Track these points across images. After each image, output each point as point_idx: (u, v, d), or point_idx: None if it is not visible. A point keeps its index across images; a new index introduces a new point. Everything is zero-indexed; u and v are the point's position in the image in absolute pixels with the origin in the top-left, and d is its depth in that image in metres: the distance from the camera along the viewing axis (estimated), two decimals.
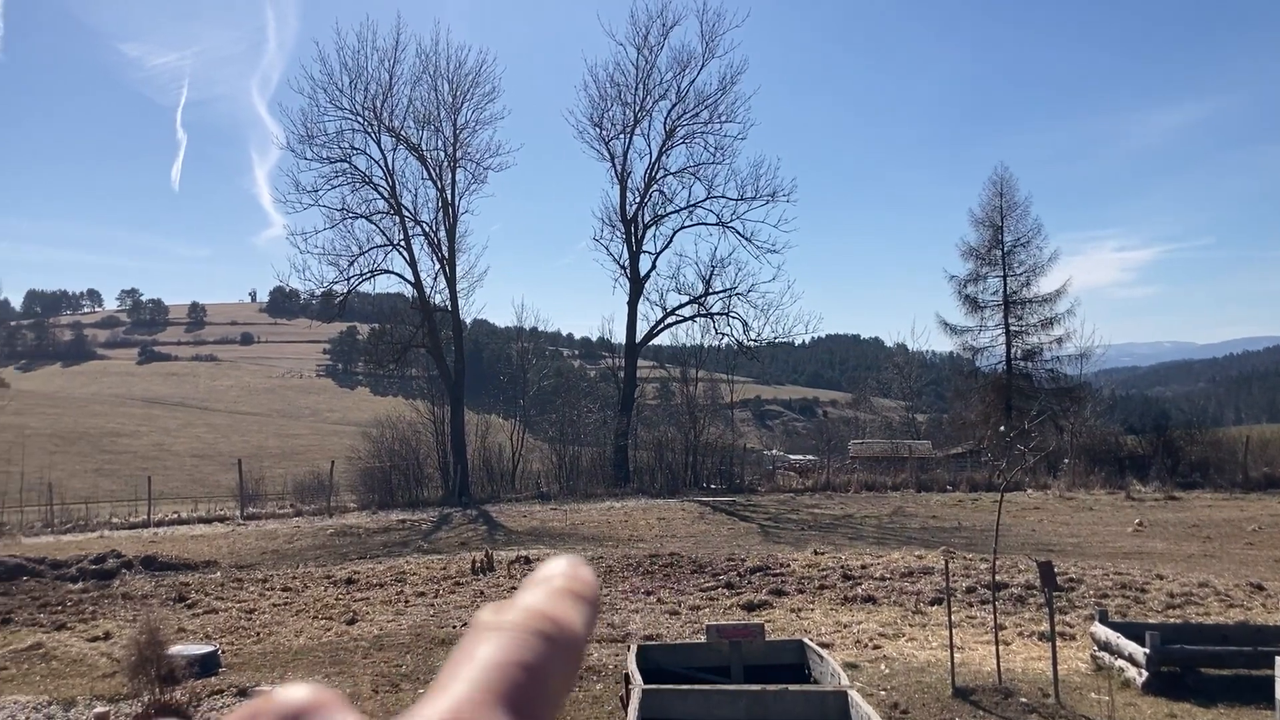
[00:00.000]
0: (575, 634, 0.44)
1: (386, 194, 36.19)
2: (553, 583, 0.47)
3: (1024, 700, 8.41)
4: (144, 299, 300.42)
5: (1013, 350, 43.22)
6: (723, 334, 39.47)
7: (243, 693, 9.35)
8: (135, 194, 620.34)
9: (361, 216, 36.27)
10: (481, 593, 14.38)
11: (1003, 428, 30.40)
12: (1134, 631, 9.16)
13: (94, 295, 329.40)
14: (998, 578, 10.99)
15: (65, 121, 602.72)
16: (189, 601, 14.44)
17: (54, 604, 14.58)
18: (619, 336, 41.22)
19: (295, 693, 0.39)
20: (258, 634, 12.18)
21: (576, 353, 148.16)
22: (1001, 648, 9.39)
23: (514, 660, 0.40)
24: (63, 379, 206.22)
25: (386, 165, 36.18)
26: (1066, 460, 33.00)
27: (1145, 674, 8.62)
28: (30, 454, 45.10)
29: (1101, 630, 9.54)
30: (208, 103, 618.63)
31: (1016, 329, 43.22)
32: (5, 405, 35.52)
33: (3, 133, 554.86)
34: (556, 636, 0.43)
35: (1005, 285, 43.21)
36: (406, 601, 14.09)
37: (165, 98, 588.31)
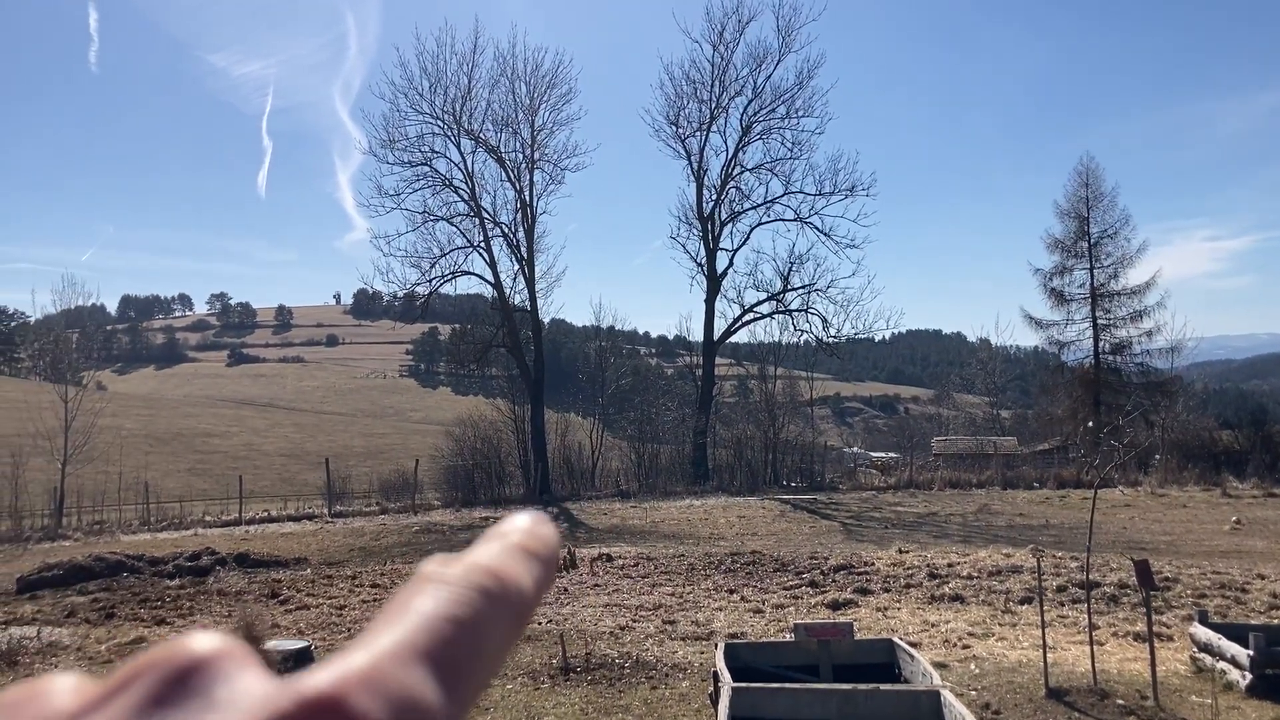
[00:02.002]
0: (521, 593, 0.41)
1: (466, 196, 36.70)
2: (508, 538, 0.45)
3: (1121, 702, 8.21)
4: (232, 302, 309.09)
5: (1101, 344, 42.29)
6: (801, 331, 39.23)
7: None
8: (223, 200, 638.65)
9: (442, 219, 36.88)
10: (565, 589, 14.48)
11: (1091, 423, 29.78)
12: (1236, 633, 8.88)
13: (184, 299, 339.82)
14: (1089, 576, 10.75)
15: (155, 131, 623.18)
16: (281, 598, 14.76)
17: (153, 599, 15.03)
18: (696, 334, 41.28)
19: (199, 642, 0.36)
20: (349, 630, 12.42)
21: (653, 351, 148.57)
22: (1095, 648, 9.17)
23: (447, 615, 0.38)
24: (156, 381, 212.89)
25: (466, 168, 36.71)
26: (1158, 456, 32.14)
27: (1249, 677, 8.36)
28: (127, 454, 46.57)
29: (1202, 631, 9.27)
30: (292, 110, 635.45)
31: (1104, 322, 42.27)
32: (103, 407, 36.63)
33: (97, 144, 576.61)
34: (499, 594, 0.40)
35: (1092, 278, 42.30)
36: None
37: (250, 106, 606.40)
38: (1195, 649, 9.35)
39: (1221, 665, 8.77)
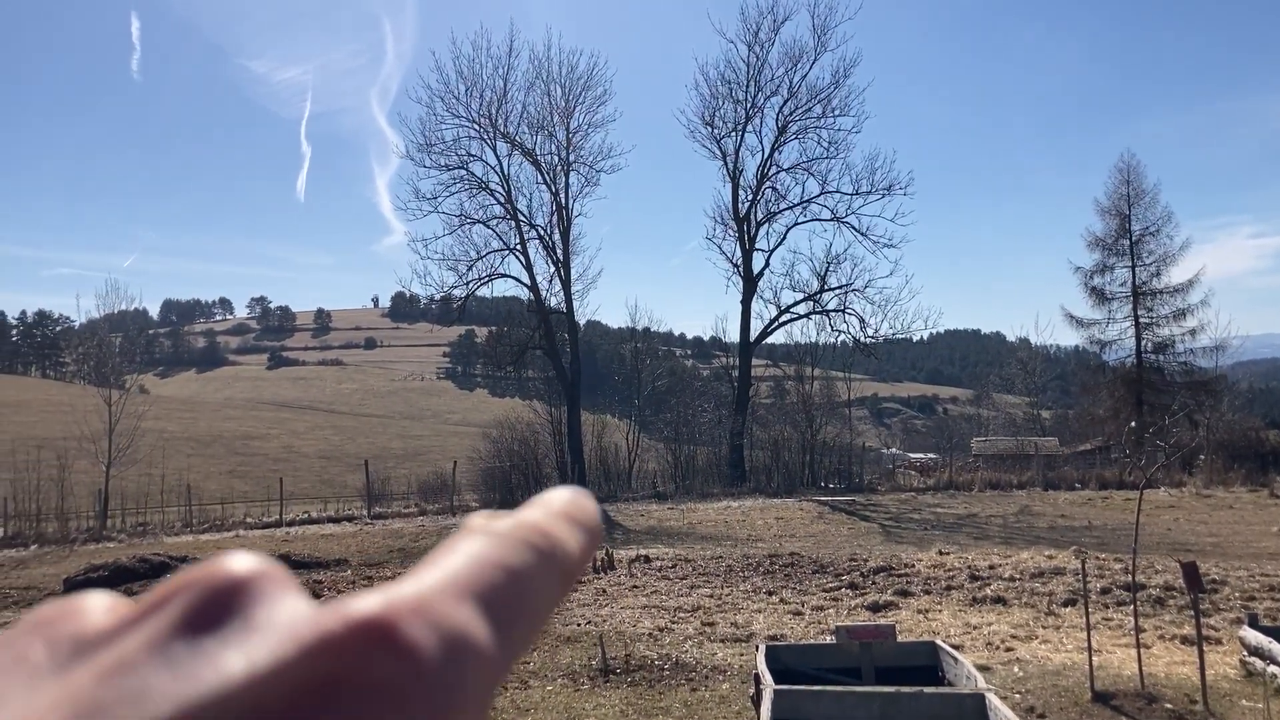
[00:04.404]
0: (567, 553, 0.40)
1: (502, 199, 36.85)
2: (552, 506, 0.44)
3: (1170, 706, 8.08)
4: (272, 306, 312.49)
5: (1143, 343, 41.79)
6: (839, 331, 38.96)
7: None
8: (263, 205, 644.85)
9: (479, 222, 37.05)
10: (604, 590, 14.48)
11: (1134, 423, 29.38)
12: None
13: (225, 303, 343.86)
14: (1135, 578, 10.59)
15: (196, 137, 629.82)
16: (322, 599, 14.75)
17: None
18: (732, 335, 41.15)
19: (238, 562, 0.34)
20: None
21: (689, 352, 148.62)
22: (1142, 651, 9.04)
23: (496, 560, 0.37)
24: (197, 384, 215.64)
25: (502, 171, 36.87)
26: (1203, 457, 31.64)
27: None
28: (169, 457, 47.22)
29: (1252, 635, 9.11)
30: (330, 115, 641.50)
31: (1146, 321, 41.76)
32: (145, 410, 37.08)
33: (139, 149, 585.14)
34: (547, 551, 0.39)
35: (1134, 276, 41.82)
36: None
37: (289, 111, 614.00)
38: (1245, 653, 9.19)
39: (1272, 669, 8.60)
